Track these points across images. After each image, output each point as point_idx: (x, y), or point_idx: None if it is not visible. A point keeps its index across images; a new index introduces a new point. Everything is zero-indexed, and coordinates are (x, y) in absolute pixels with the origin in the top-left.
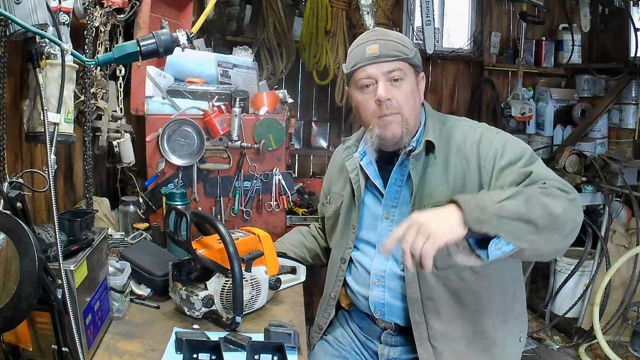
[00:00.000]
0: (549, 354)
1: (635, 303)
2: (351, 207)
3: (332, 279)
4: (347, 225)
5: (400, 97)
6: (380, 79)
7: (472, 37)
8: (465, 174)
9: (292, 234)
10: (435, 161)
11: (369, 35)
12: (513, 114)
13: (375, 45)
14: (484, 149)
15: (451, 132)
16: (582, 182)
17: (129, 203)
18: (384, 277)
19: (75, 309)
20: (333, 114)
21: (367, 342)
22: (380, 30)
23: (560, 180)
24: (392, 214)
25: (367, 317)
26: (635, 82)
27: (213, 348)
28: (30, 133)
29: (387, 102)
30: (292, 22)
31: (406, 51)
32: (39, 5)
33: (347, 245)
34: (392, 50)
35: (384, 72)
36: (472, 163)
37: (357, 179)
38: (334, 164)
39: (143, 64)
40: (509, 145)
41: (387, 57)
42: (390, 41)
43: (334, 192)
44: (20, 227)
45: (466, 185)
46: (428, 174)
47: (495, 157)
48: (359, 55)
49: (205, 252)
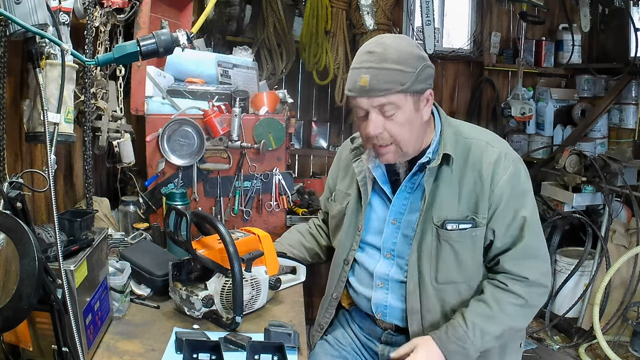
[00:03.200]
0: (549, 354)
1: (635, 303)
2: (358, 209)
3: (334, 279)
4: (352, 226)
5: (394, 128)
6: (370, 112)
7: (472, 37)
8: (478, 193)
9: (290, 233)
10: (450, 174)
11: (364, 59)
12: (513, 114)
13: (367, 76)
14: (499, 175)
15: (468, 144)
16: (582, 182)
17: (129, 203)
18: (387, 281)
19: (75, 309)
20: (333, 114)
21: (367, 343)
22: (378, 52)
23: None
24: (398, 220)
25: (368, 318)
26: (635, 82)
27: (213, 348)
28: (30, 133)
29: (377, 135)
30: (292, 22)
31: (402, 79)
32: (39, 5)
33: (352, 247)
34: (385, 82)
35: (375, 105)
36: (486, 185)
37: (364, 182)
38: (341, 160)
39: (143, 64)
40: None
41: (377, 92)
42: (385, 69)
43: (339, 189)
44: (20, 227)
45: (478, 206)
46: (440, 187)
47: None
48: (352, 81)
49: (205, 252)
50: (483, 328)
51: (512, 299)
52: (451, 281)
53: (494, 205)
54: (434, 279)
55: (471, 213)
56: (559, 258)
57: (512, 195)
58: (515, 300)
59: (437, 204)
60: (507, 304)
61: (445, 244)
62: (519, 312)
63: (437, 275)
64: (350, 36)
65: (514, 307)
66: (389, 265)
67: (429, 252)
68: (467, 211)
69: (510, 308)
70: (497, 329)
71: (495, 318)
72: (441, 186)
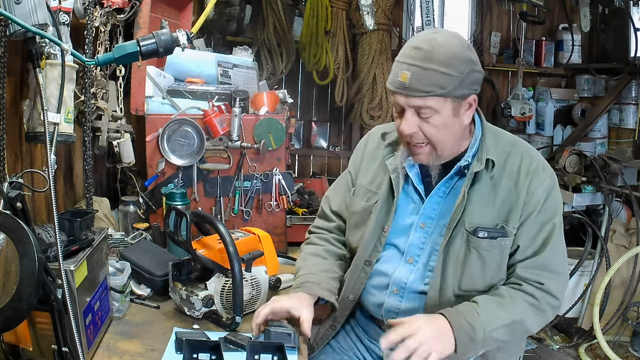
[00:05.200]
0: (549, 354)
1: (635, 303)
2: (387, 208)
3: (352, 280)
4: (378, 226)
5: (429, 131)
6: (407, 110)
7: (472, 37)
8: (512, 203)
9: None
10: (488, 180)
11: (410, 53)
12: (513, 114)
13: (408, 73)
14: (535, 187)
15: (507, 152)
16: (582, 182)
17: (129, 203)
18: (403, 289)
19: (75, 309)
20: (333, 114)
21: (372, 347)
22: (426, 49)
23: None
24: (428, 225)
25: (372, 322)
26: (635, 82)
27: (213, 348)
28: (30, 133)
29: (411, 134)
30: (292, 22)
31: (445, 83)
32: (39, 5)
33: (376, 248)
34: (426, 84)
35: (412, 105)
36: (522, 195)
37: (397, 181)
38: (367, 152)
39: (143, 64)
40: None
41: (415, 92)
42: (428, 70)
43: (359, 184)
44: (20, 227)
45: (511, 216)
46: (475, 192)
47: (539, 201)
48: (394, 74)
49: (205, 252)
50: (493, 311)
51: (525, 297)
52: (474, 289)
53: (524, 216)
54: (457, 287)
55: (502, 222)
56: None
57: (543, 208)
58: (528, 298)
59: (469, 210)
60: (520, 299)
61: (474, 251)
62: (530, 310)
63: (461, 283)
64: (350, 36)
65: (526, 303)
66: (409, 271)
67: (456, 259)
68: (498, 219)
69: (522, 303)
70: (507, 316)
71: (507, 307)
72: (477, 192)
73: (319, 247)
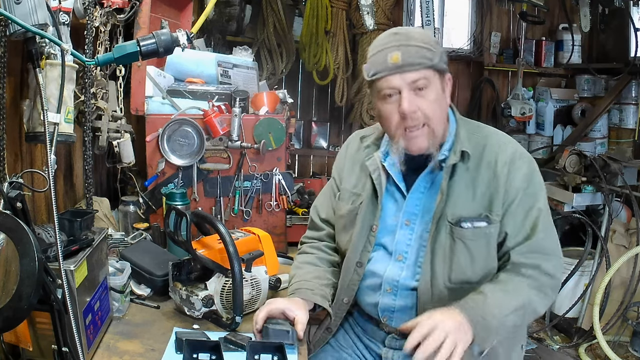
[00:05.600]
0: (549, 354)
1: (635, 303)
2: (372, 207)
3: (345, 282)
4: (365, 227)
5: (426, 107)
6: (404, 90)
7: (472, 37)
8: (492, 192)
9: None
10: (465, 172)
11: (390, 39)
12: (513, 114)
13: (398, 52)
14: (514, 174)
15: (482, 143)
16: (582, 182)
17: (129, 203)
18: (396, 287)
19: (75, 309)
20: (333, 114)
21: (370, 345)
22: (403, 32)
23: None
24: (412, 221)
25: (371, 321)
26: (635, 82)
27: (213, 348)
28: (30, 133)
29: (412, 114)
30: (292, 22)
31: (431, 56)
32: (39, 5)
33: (366, 248)
34: (416, 57)
35: (408, 82)
36: (501, 184)
37: (379, 180)
38: (348, 156)
39: (143, 64)
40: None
41: (410, 66)
42: (414, 46)
43: (344, 188)
44: (20, 227)
45: (493, 204)
46: (455, 185)
47: (519, 187)
48: (379, 62)
49: (205, 252)
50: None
51: (525, 280)
52: (465, 281)
53: (507, 203)
54: (447, 279)
55: (485, 211)
56: None
57: (525, 194)
58: (529, 282)
59: (451, 202)
60: (521, 283)
61: (460, 242)
62: (533, 292)
63: (450, 275)
64: (350, 36)
65: (528, 287)
66: (400, 268)
67: (443, 251)
68: (481, 209)
69: (525, 287)
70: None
71: (512, 292)
72: (456, 184)
73: (311, 256)
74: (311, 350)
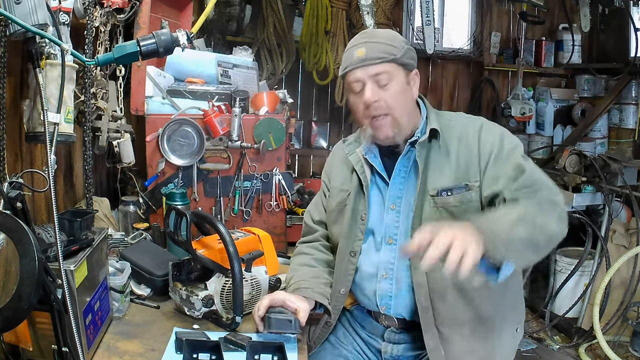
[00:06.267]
0: (549, 354)
1: (635, 303)
2: (359, 198)
3: (340, 273)
4: (355, 217)
5: (389, 98)
6: (367, 82)
7: (472, 37)
8: (467, 159)
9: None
10: (438, 149)
11: (358, 38)
12: (513, 114)
13: (363, 48)
14: (485, 136)
15: (452, 124)
16: (582, 182)
17: (129, 203)
18: (392, 270)
19: (75, 309)
20: (333, 114)
21: (370, 341)
22: (369, 31)
23: (549, 185)
24: (397, 204)
25: (369, 316)
26: (635, 82)
27: (213, 348)
28: (30, 133)
29: (374, 104)
30: (292, 22)
31: (393, 51)
32: (39, 5)
33: (357, 237)
34: (378, 52)
35: (371, 74)
36: (474, 149)
37: (362, 170)
38: (334, 160)
39: (143, 64)
40: (507, 136)
41: (372, 60)
42: (377, 43)
43: (333, 186)
44: (20, 227)
45: (469, 171)
46: (432, 161)
47: (493, 144)
48: (348, 58)
49: (205, 252)
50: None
51: (526, 202)
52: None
53: (483, 164)
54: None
55: (463, 180)
56: (559, 258)
57: (500, 151)
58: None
59: (430, 177)
60: (521, 204)
61: (444, 211)
62: (535, 208)
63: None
64: (350, 36)
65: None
66: (392, 251)
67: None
68: (459, 179)
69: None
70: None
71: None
72: (432, 160)
73: (307, 257)
74: (311, 348)
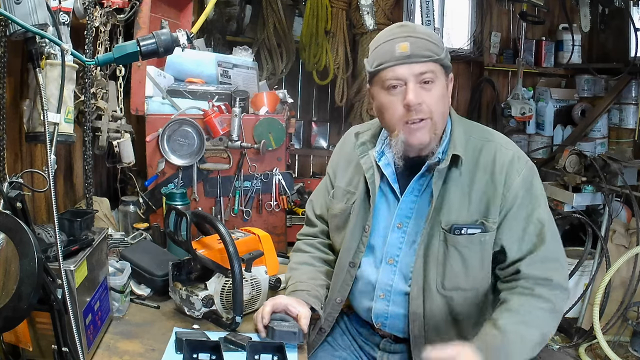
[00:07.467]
0: (549, 354)
1: (635, 303)
2: (365, 208)
3: (338, 283)
4: (358, 227)
5: (431, 101)
6: (410, 81)
7: (472, 37)
8: (489, 197)
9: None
10: (459, 177)
11: (398, 31)
12: (513, 114)
13: (406, 43)
14: (512, 178)
15: (480, 146)
16: (582, 182)
17: (129, 203)
18: (389, 292)
19: (75, 309)
20: (333, 114)
21: (365, 347)
22: (410, 25)
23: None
24: (405, 224)
25: (366, 325)
26: (635, 82)
27: (213, 348)
28: (30, 133)
29: (417, 106)
30: (292, 22)
31: (438, 51)
32: (39, 5)
33: (359, 249)
34: (424, 49)
35: (415, 73)
36: (499, 188)
37: (372, 179)
38: (343, 154)
39: (143, 64)
40: (536, 180)
41: (419, 58)
42: (421, 39)
43: (338, 186)
44: (20, 227)
45: (489, 210)
46: (450, 190)
47: (516, 197)
48: (386, 53)
49: (205, 252)
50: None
51: (541, 304)
52: (458, 287)
53: (505, 209)
54: (441, 285)
55: (481, 217)
56: None
57: (525, 199)
58: (544, 304)
59: (445, 208)
60: (537, 309)
61: (453, 249)
62: (548, 318)
63: (443, 282)
64: (350, 36)
65: (543, 312)
66: (391, 272)
67: (436, 258)
68: (476, 215)
69: (540, 313)
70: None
71: (529, 323)
72: (450, 189)
73: (305, 255)
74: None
